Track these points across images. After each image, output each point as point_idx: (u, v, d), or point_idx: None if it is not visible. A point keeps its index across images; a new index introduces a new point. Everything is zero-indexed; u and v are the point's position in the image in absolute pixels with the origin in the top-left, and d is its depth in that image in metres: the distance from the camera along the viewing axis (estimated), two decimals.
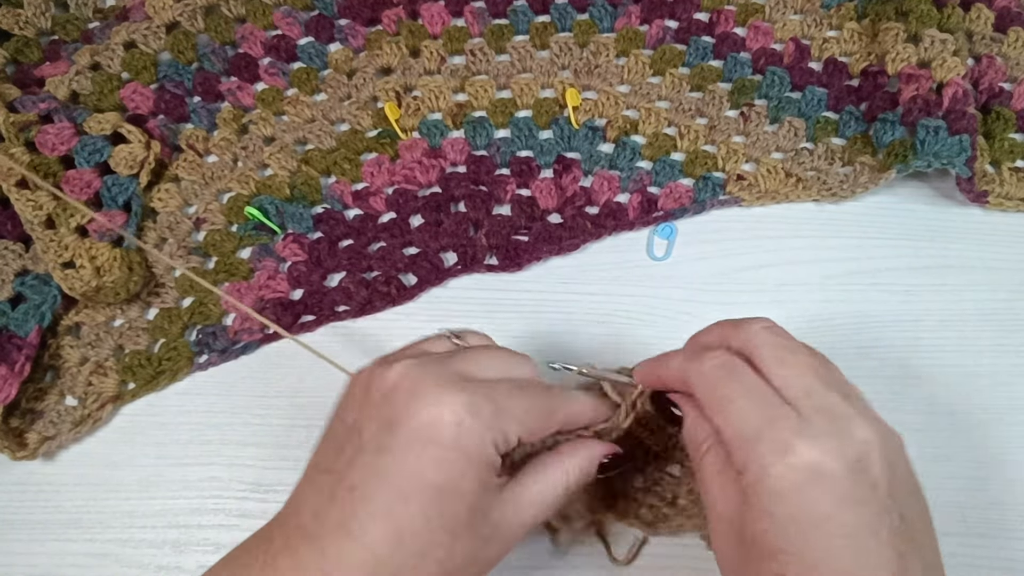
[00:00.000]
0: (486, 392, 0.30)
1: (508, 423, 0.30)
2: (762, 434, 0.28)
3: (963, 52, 0.51)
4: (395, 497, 0.29)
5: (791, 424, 0.28)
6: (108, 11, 0.57)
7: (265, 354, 0.46)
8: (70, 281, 0.45)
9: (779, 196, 0.50)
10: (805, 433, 0.28)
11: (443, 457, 0.29)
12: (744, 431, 0.29)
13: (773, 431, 0.28)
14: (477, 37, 0.55)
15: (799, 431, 0.28)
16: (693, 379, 0.32)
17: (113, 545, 0.42)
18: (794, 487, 0.27)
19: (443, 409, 0.29)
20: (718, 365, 0.31)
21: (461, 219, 0.49)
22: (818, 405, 0.29)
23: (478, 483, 0.30)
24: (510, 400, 0.31)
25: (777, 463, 0.27)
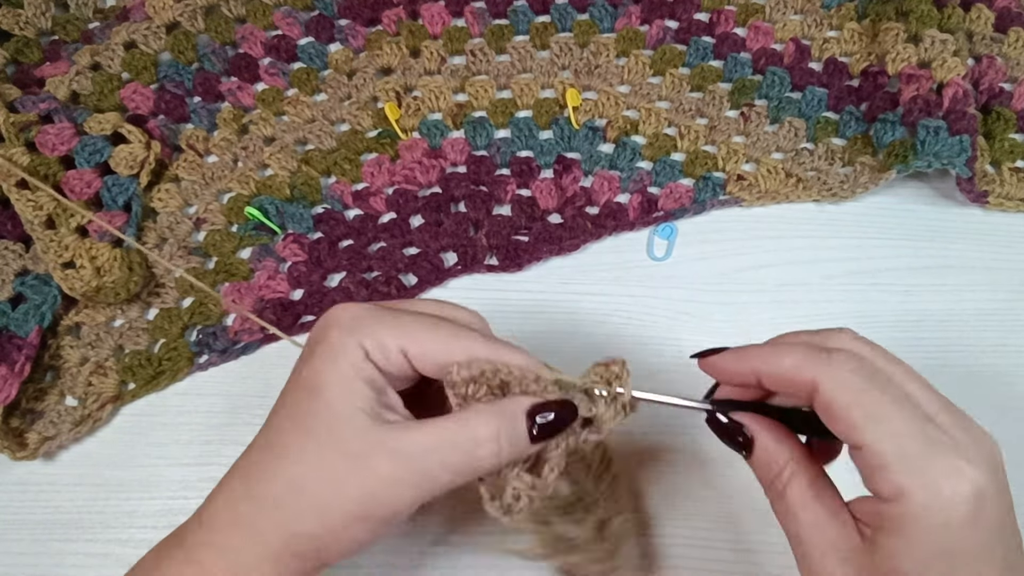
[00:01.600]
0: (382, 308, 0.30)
1: (391, 334, 0.29)
2: (927, 457, 0.25)
3: (963, 52, 0.51)
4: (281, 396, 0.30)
5: (950, 445, 0.25)
6: (108, 11, 0.57)
7: (265, 354, 0.46)
8: (70, 281, 0.45)
9: (779, 196, 0.50)
10: (966, 455, 0.25)
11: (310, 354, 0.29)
12: (906, 450, 0.25)
13: (937, 454, 0.25)
14: (477, 37, 0.56)
15: (960, 453, 0.25)
16: (827, 383, 0.26)
17: (113, 545, 0.42)
18: (967, 519, 0.24)
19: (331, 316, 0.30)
20: (857, 370, 0.26)
21: (461, 219, 0.49)
22: (955, 422, 0.26)
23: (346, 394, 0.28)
24: (408, 317, 0.29)
25: (949, 489, 0.24)
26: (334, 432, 0.28)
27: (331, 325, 0.30)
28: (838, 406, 0.26)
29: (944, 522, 0.24)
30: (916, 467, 0.25)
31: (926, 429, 0.25)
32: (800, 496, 0.28)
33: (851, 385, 0.26)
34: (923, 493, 0.24)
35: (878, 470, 0.25)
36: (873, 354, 0.28)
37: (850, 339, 0.29)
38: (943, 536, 0.24)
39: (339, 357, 0.29)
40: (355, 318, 0.30)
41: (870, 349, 0.28)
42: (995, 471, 0.25)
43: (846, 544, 0.26)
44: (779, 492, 0.28)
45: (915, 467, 0.25)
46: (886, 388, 0.26)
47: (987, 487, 0.24)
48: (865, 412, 0.26)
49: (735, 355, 0.30)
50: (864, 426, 0.25)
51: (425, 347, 0.29)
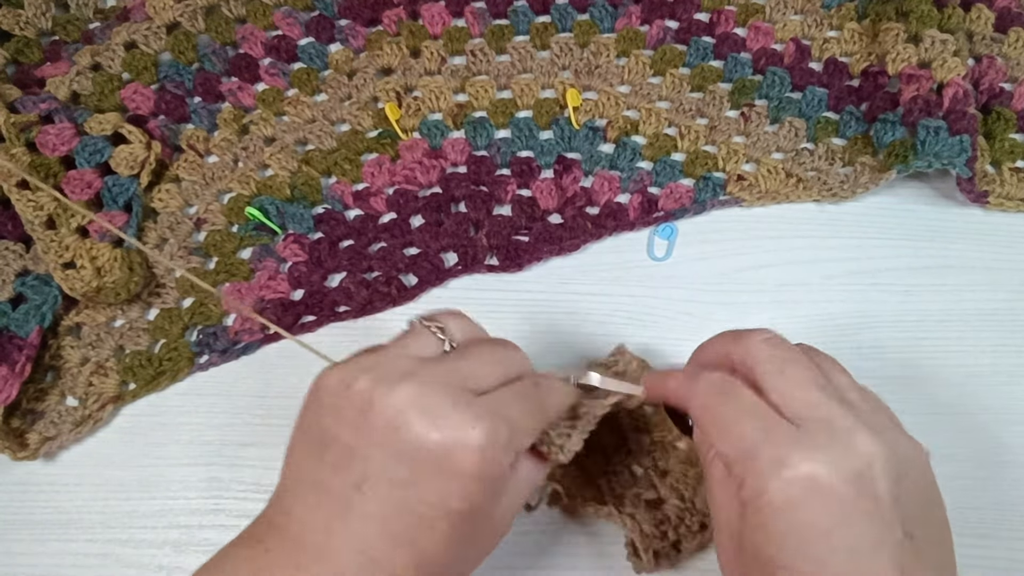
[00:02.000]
0: (499, 413, 0.29)
1: (521, 439, 0.31)
2: (758, 449, 0.28)
3: (963, 52, 0.51)
4: (417, 526, 0.28)
5: (788, 438, 0.28)
6: (109, 11, 0.57)
7: (266, 354, 0.46)
8: (71, 281, 0.45)
9: (779, 196, 0.50)
10: (802, 446, 0.28)
11: (467, 487, 0.28)
12: (740, 447, 0.29)
13: (769, 446, 0.28)
14: (477, 37, 0.56)
15: (796, 444, 0.28)
16: (690, 403, 0.32)
17: (114, 545, 0.42)
18: (791, 501, 0.27)
19: (464, 439, 0.28)
20: (713, 385, 0.32)
21: (462, 219, 0.49)
22: (817, 417, 0.29)
23: (495, 499, 0.30)
24: (520, 416, 0.31)
25: (773, 477, 0.28)
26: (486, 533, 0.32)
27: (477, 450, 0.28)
28: (696, 417, 0.32)
29: (774, 505, 0.27)
30: (747, 460, 0.29)
31: (767, 428, 0.29)
32: (714, 478, 0.31)
33: (706, 400, 0.32)
34: (752, 481, 0.28)
35: (728, 464, 0.30)
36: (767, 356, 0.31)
37: (759, 340, 0.32)
38: (777, 518, 0.27)
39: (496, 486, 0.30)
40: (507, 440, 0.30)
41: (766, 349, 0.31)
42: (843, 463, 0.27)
43: (734, 524, 0.30)
44: (706, 472, 0.32)
45: (746, 460, 0.29)
46: (737, 398, 0.31)
47: (823, 476, 0.27)
48: (713, 421, 0.31)
49: (653, 379, 0.36)
50: (712, 432, 0.31)
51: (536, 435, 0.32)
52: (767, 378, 0.31)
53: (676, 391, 0.34)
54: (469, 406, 0.29)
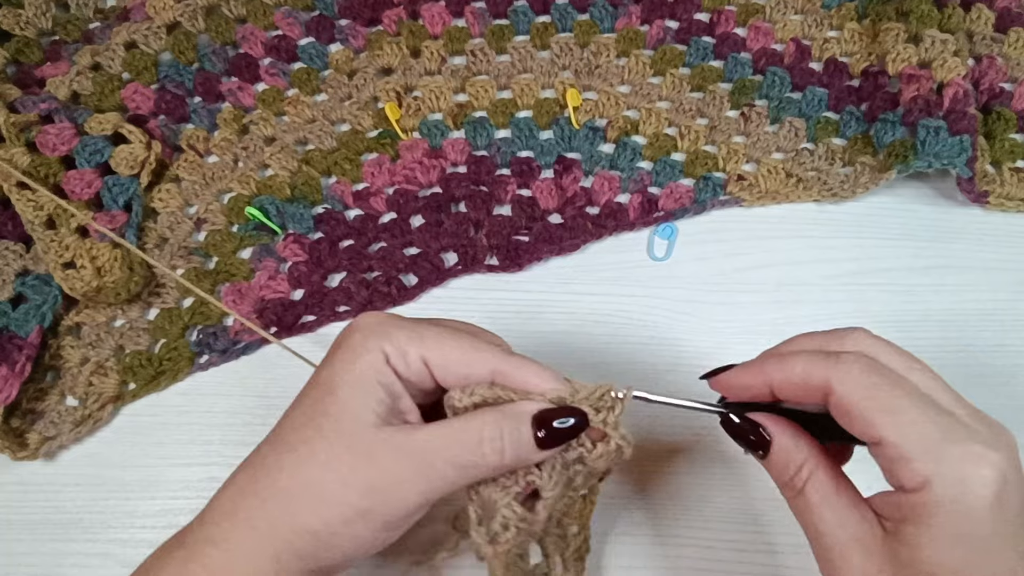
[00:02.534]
0: (405, 318, 0.30)
1: (413, 342, 0.29)
2: (948, 444, 0.25)
3: (964, 52, 0.51)
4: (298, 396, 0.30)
5: (968, 432, 0.25)
6: (109, 11, 0.57)
7: (266, 354, 0.46)
8: (71, 281, 0.45)
9: (780, 196, 0.50)
10: (985, 441, 0.25)
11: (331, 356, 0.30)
12: (926, 440, 0.25)
13: (958, 441, 0.25)
14: (478, 37, 0.56)
15: (979, 439, 0.25)
16: (840, 384, 0.27)
17: (114, 545, 0.42)
18: (991, 504, 0.24)
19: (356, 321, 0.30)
20: (867, 368, 0.27)
21: (462, 219, 0.49)
22: (971, 412, 0.27)
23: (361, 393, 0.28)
24: (431, 329, 0.30)
25: (974, 475, 0.24)
26: (342, 429, 0.28)
27: (354, 329, 0.30)
28: (853, 404, 0.26)
29: (969, 507, 0.24)
30: (937, 455, 0.25)
31: (943, 419, 0.26)
32: (821, 492, 0.28)
33: (863, 382, 0.26)
34: (947, 480, 0.24)
35: (899, 462, 0.25)
36: (887, 351, 0.28)
37: (864, 337, 0.29)
38: (968, 521, 0.24)
39: (358, 359, 0.29)
40: (379, 323, 0.30)
41: (884, 347, 0.28)
42: (1013, 458, 0.25)
43: (869, 538, 0.27)
44: (798, 490, 0.29)
45: (936, 455, 0.25)
46: (899, 383, 0.26)
47: (1008, 472, 0.25)
48: (880, 407, 0.26)
49: (745, 370, 0.30)
50: (881, 421, 0.26)
51: (446, 357, 0.30)
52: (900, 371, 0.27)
53: (810, 374, 0.28)
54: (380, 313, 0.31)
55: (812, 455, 0.29)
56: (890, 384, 0.26)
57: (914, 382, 0.27)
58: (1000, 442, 0.26)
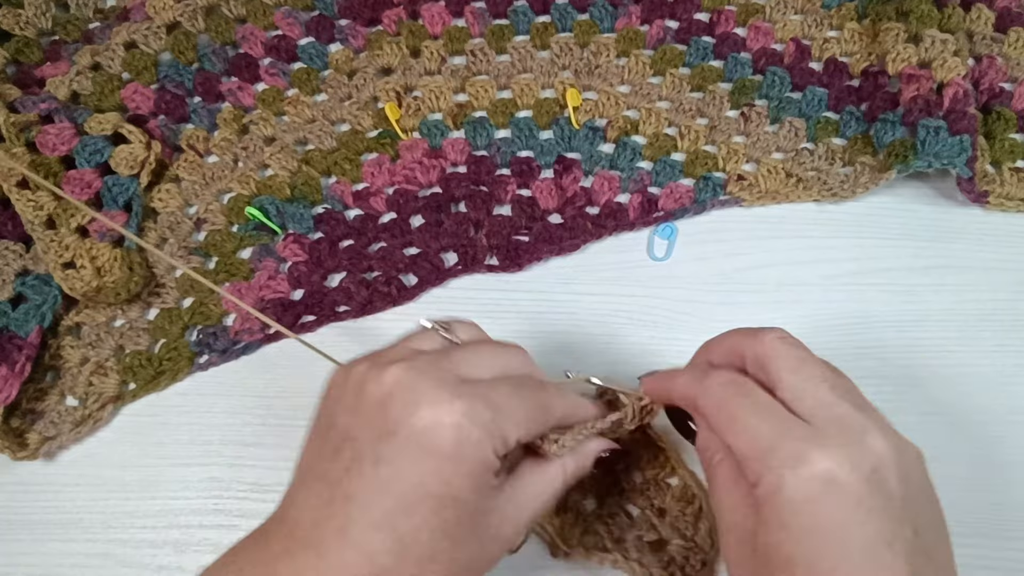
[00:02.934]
0: (484, 395, 0.30)
1: (507, 426, 0.30)
2: (775, 445, 0.28)
3: (963, 52, 0.51)
4: (396, 507, 0.28)
5: (804, 434, 0.28)
6: (109, 11, 0.57)
7: (265, 354, 0.46)
8: (71, 281, 0.45)
9: (779, 196, 0.50)
10: (819, 443, 0.28)
11: (443, 467, 0.28)
12: (756, 444, 0.29)
13: (786, 442, 0.28)
14: (478, 37, 0.56)
15: (813, 441, 0.28)
16: (700, 399, 0.32)
17: (114, 545, 0.42)
18: (808, 497, 0.27)
19: (442, 417, 0.29)
20: (725, 383, 0.31)
21: (462, 219, 0.49)
22: (831, 416, 0.29)
23: (478, 489, 0.29)
24: (508, 402, 0.30)
25: (791, 473, 0.27)
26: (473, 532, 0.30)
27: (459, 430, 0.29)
28: (707, 416, 0.32)
29: (791, 501, 0.27)
30: (764, 457, 0.28)
31: (782, 424, 0.29)
32: (723, 478, 0.31)
33: (717, 397, 0.31)
34: (769, 477, 0.28)
35: (742, 463, 0.29)
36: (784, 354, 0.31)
37: (773, 338, 0.32)
38: (794, 514, 0.27)
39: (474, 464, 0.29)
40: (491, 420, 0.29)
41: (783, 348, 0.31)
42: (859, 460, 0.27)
43: (747, 525, 0.30)
44: (711, 474, 0.32)
45: (763, 457, 0.28)
46: (750, 395, 0.30)
47: (840, 473, 0.27)
48: (726, 418, 0.30)
49: (656, 380, 0.36)
50: (725, 430, 0.30)
51: (531, 430, 0.31)
52: (782, 375, 0.30)
53: (684, 389, 0.33)
54: (450, 389, 0.29)
55: (722, 447, 0.32)
56: (739, 397, 0.31)
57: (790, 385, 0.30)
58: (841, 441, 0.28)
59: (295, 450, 0.32)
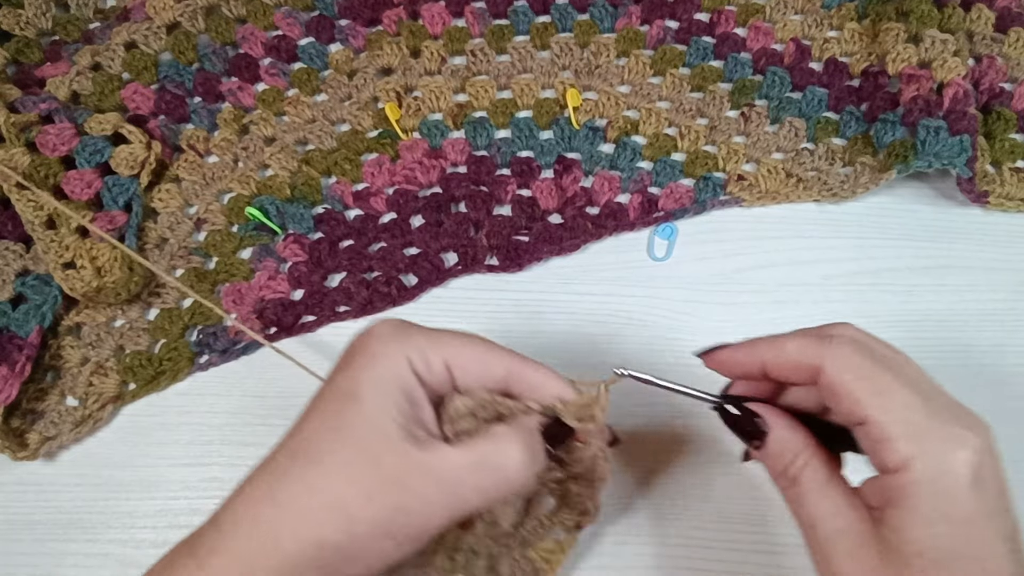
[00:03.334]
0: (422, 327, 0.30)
1: (433, 347, 0.29)
2: (929, 426, 0.26)
3: (964, 52, 0.51)
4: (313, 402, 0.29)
5: (950, 415, 0.26)
6: (109, 11, 0.57)
7: (266, 354, 0.46)
8: (71, 281, 0.45)
9: (780, 196, 0.50)
10: (965, 425, 0.26)
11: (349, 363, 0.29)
12: (908, 421, 0.26)
13: (939, 423, 0.26)
14: (478, 37, 0.56)
15: (960, 422, 0.26)
16: (830, 363, 0.27)
17: (114, 545, 0.42)
18: (971, 483, 0.25)
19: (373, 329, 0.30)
20: (858, 350, 0.27)
21: (462, 219, 0.49)
22: (950, 401, 0.27)
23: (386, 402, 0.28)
24: (446, 334, 0.30)
25: (953, 456, 0.25)
26: (369, 443, 0.28)
27: (373, 335, 0.30)
28: (841, 383, 0.27)
29: (949, 487, 0.25)
30: (919, 436, 0.25)
31: (925, 402, 0.26)
32: (815, 482, 0.28)
33: (853, 363, 0.27)
34: (927, 460, 0.25)
35: (883, 443, 0.26)
36: (873, 341, 0.29)
37: (851, 330, 0.29)
38: (948, 502, 0.25)
39: (380, 365, 0.28)
40: (399, 329, 0.30)
41: (869, 337, 0.29)
42: (990, 442, 0.26)
43: (860, 526, 0.27)
44: (792, 479, 0.29)
45: (918, 436, 0.25)
46: (886, 366, 0.27)
47: (986, 453, 0.25)
48: (867, 387, 0.27)
49: (739, 347, 0.31)
50: (868, 400, 0.26)
51: (466, 359, 0.30)
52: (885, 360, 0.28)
53: (802, 354, 0.28)
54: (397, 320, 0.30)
55: (808, 445, 0.29)
56: (877, 366, 0.27)
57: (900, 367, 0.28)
58: (979, 427, 0.26)
59: None
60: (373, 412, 0.28)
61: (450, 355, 0.30)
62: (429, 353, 0.29)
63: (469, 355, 0.30)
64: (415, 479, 0.27)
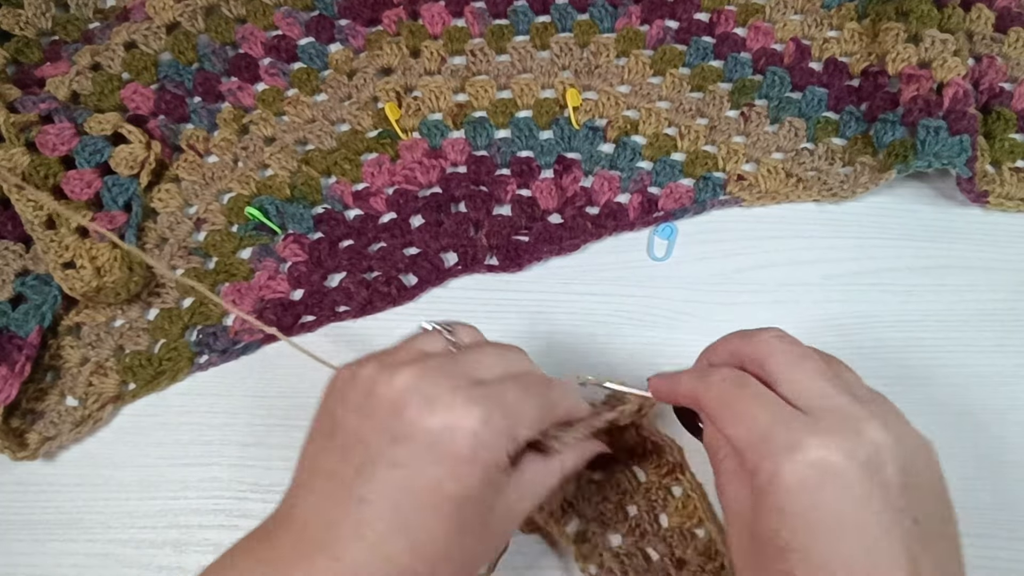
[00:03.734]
0: (497, 399, 0.30)
1: (519, 427, 0.31)
2: (772, 434, 0.29)
3: (963, 52, 0.51)
4: (412, 509, 0.29)
5: (800, 424, 0.29)
6: (109, 11, 0.57)
7: (265, 354, 0.46)
8: (71, 281, 0.45)
9: (779, 196, 0.50)
10: (814, 431, 0.28)
11: (460, 470, 0.29)
12: (753, 433, 0.29)
13: (782, 431, 0.29)
14: (477, 37, 0.56)
15: (808, 430, 0.28)
16: (702, 395, 0.33)
17: (114, 545, 0.42)
18: (804, 485, 0.28)
19: (459, 422, 0.29)
20: (724, 379, 0.32)
21: (461, 219, 0.49)
22: (828, 407, 0.29)
23: (491, 487, 0.30)
24: (520, 404, 0.31)
25: (787, 461, 0.28)
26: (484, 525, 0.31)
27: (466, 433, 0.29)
28: (709, 413, 0.32)
29: (787, 488, 0.28)
30: (761, 445, 0.29)
31: (780, 415, 0.29)
32: (727, 473, 0.32)
33: (718, 393, 0.32)
34: (766, 465, 0.28)
35: (742, 454, 0.30)
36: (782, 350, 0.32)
37: (770, 337, 0.33)
38: (790, 501, 0.28)
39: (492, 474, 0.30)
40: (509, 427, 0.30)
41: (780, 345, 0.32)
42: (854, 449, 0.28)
43: (746, 515, 0.30)
44: (717, 469, 0.33)
45: (760, 445, 0.29)
46: (749, 388, 0.31)
47: (835, 460, 0.28)
48: (727, 412, 0.31)
49: (661, 381, 0.36)
50: (726, 423, 0.31)
51: (539, 428, 0.32)
52: (780, 369, 0.31)
53: (688, 388, 0.34)
54: (467, 391, 0.30)
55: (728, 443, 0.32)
56: (737, 389, 0.31)
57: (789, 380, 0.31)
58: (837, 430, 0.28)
59: (295, 450, 0.32)
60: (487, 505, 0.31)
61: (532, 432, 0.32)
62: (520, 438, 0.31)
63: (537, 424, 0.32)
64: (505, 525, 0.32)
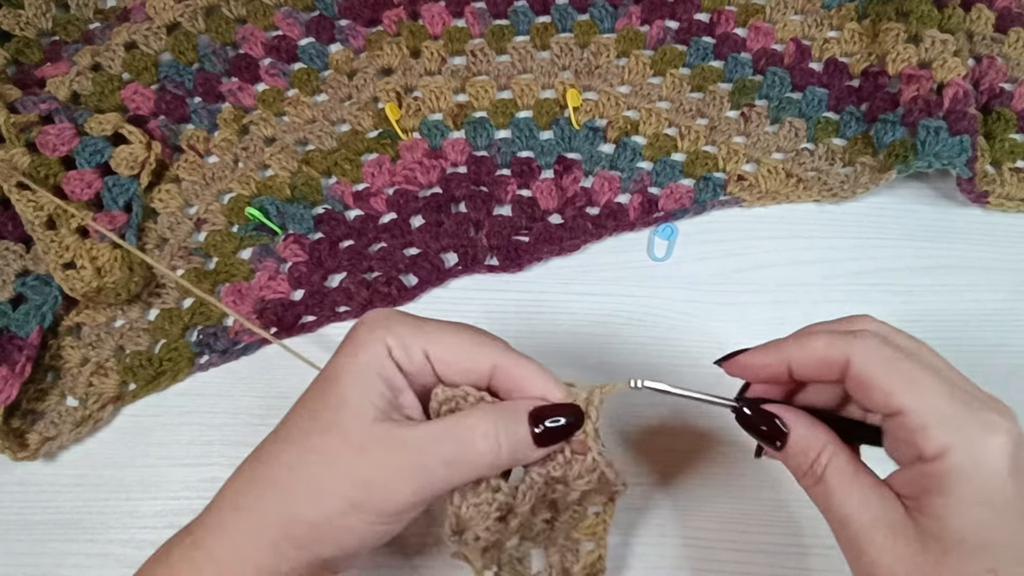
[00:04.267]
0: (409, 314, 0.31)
1: (415, 336, 0.30)
2: (965, 413, 0.26)
3: (964, 52, 0.51)
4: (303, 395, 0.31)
5: (981, 403, 0.26)
6: (109, 12, 0.57)
7: (266, 354, 0.46)
8: (71, 282, 0.45)
9: (780, 196, 0.50)
10: (998, 411, 0.26)
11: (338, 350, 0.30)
12: (944, 409, 0.26)
13: (973, 410, 0.26)
14: (478, 38, 0.56)
15: (994, 409, 0.26)
16: (859, 357, 0.27)
17: (114, 546, 0.42)
18: (1008, 469, 0.25)
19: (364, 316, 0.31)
20: (884, 342, 0.28)
21: (462, 220, 0.49)
22: (976, 388, 0.27)
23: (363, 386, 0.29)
24: (432, 323, 0.30)
25: (992, 443, 0.25)
26: (340, 421, 0.29)
27: (361, 323, 0.31)
28: (872, 376, 0.27)
29: (988, 473, 0.25)
30: (955, 423, 0.25)
31: (957, 390, 0.26)
32: (841, 476, 0.28)
33: (882, 355, 0.27)
34: (965, 446, 0.25)
35: (919, 431, 0.26)
36: (895, 333, 0.29)
37: (873, 323, 0.30)
38: (987, 487, 0.25)
39: (360, 351, 0.30)
40: (383, 317, 0.30)
41: (891, 329, 0.29)
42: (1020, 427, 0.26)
43: (894, 516, 0.27)
44: (818, 477, 0.29)
45: (954, 423, 0.25)
46: (914, 355, 0.27)
47: (1019, 439, 0.25)
48: (900, 377, 0.27)
49: (764, 349, 0.30)
50: (901, 390, 0.26)
51: (448, 350, 0.30)
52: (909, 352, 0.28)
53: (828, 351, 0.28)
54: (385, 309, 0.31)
55: (830, 441, 0.29)
56: (906, 357, 0.27)
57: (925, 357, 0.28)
58: (1007, 413, 0.26)
59: None
60: (348, 394, 0.29)
61: (432, 345, 0.30)
62: (409, 341, 0.30)
63: (453, 346, 0.30)
64: (378, 451, 0.28)
